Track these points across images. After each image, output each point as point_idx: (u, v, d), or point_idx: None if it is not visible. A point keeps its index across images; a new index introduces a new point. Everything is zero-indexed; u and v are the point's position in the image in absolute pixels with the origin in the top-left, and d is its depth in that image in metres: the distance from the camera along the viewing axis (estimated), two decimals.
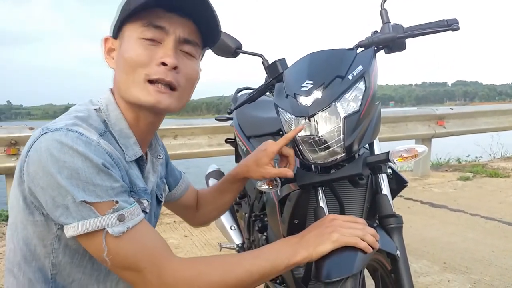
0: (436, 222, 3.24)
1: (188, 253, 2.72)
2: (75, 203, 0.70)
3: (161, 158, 1.01)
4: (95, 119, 0.81)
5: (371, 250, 0.85)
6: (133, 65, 0.81)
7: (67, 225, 0.72)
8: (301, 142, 1.01)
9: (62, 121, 0.76)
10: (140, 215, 0.77)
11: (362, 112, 0.97)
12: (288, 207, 1.16)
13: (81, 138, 0.72)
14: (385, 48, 1.12)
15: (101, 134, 0.79)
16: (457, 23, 1.06)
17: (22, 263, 0.80)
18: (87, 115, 0.81)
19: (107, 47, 0.87)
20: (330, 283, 0.83)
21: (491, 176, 4.86)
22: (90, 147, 0.72)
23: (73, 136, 0.72)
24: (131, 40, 0.81)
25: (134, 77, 0.81)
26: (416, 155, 0.95)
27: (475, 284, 2.16)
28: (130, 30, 0.82)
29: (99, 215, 0.71)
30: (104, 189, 0.72)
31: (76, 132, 0.73)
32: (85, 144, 0.72)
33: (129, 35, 0.82)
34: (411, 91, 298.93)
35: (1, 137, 3.19)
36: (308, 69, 1.04)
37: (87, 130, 0.76)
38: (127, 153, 0.84)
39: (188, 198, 1.20)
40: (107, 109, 0.85)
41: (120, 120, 0.85)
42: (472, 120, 5.48)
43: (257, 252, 0.85)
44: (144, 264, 0.74)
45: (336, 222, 0.88)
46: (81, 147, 0.71)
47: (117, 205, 0.73)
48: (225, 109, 1.70)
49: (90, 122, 0.80)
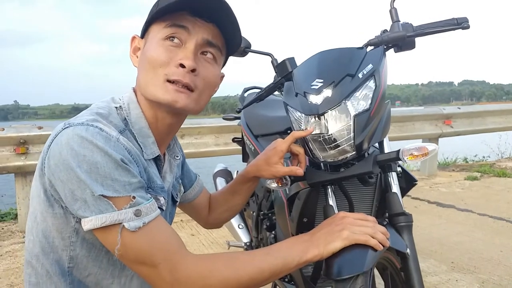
0: (444, 221, 3.23)
1: (195, 251, 2.72)
2: (93, 197, 0.71)
3: (178, 159, 1.02)
4: (115, 116, 0.83)
5: (381, 247, 0.85)
6: (154, 64, 0.83)
7: (85, 218, 0.73)
8: (310, 141, 1.01)
9: (83, 116, 0.78)
10: (156, 211, 0.78)
11: (372, 110, 0.97)
12: (297, 206, 1.16)
13: (101, 133, 0.74)
14: (395, 47, 1.12)
15: (121, 131, 0.81)
16: (467, 22, 1.06)
17: (41, 255, 0.81)
18: (108, 112, 0.83)
19: (133, 46, 0.91)
20: (341, 280, 0.83)
21: (499, 176, 4.82)
22: (109, 143, 0.74)
23: (93, 131, 0.74)
24: (154, 40, 0.84)
25: (154, 75, 0.83)
26: (426, 153, 0.95)
27: (483, 283, 2.15)
28: (154, 31, 0.85)
29: (116, 210, 0.72)
30: (122, 184, 0.73)
31: (97, 128, 0.75)
32: (104, 140, 0.74)
33: (153, 36, 0.85)
34: (417, 91, 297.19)
35: (11, 136, 3.22)
36: (318, 67, 1.04)
37: (107, 126, 0.78)
38: (146, 152, 0.85)
39: (201, 200, 1.22)
40: (128, 107, 0.86)
41: (141, 119, 0.86)
42: (480, 119, 5.45)
43: (268, 249, 0.86)
44: (158, 260, 0.74)
45: (347, 219, 0.88)
46: (100, 142, 0.73)
47: (134, 201, 0.74)
48: (231, 108, 1.71)
49: (111, 119, 0.81)
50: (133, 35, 0.91)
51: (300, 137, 1.02)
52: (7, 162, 3.20)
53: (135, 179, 0.76)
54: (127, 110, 0.86)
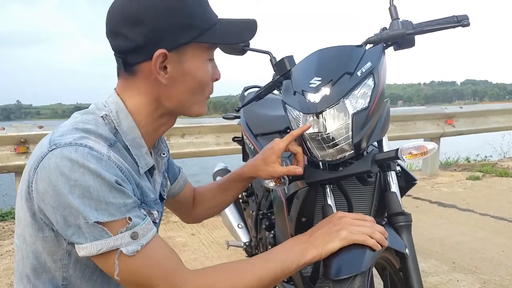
0: (445, 221, 3.21)
1: (195, 251, 2.73)
2: (88, 224, 0.68)
3: (165, 156, 0.99)
4: (104, 128, 0.78)
5: (379, 247, 0.84)
6: (204, 85, 0.85)
7: (79, 245, 0.70)
8: (309, 140, 1.00)
9: (69, 134, 0.73)
10: (152, 230, 0.76)
11: (371, 109, 0.96)
12: (296, 205, 1.16)
13: (91, 153, 0.70)
14: (394, 45, 1.11)
15: (111, 144, 0.77)
16: (467, 19, 1.05)
17: (32, 275, 0.79)
18: (95, 125, 0.78)
19: (161, 61, 0.79)
20: (339, 281, 0.82)
21: (501, 176, 4.80)
22: (101, 163, 0.70)
23: (83, 151, 0.70)
24: (200, 61, 0.83)
25: (202, 95, 0.86)
26: (425, 152, 0.94)
27: (485, 284, 2.14)
28: (196, 50, 0.82)
29: (112, 235, 0.69)
30: (117, 207, 0.70)
31: (86, 147, 0.71)
32: (96, 160, 0.70)
33: (197, 55, 0.82)
34: (419, 90, 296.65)
35: (11, 135, 3.23)
36: (316, 65, 1.03)
37: (97, 142, 0.73)
38: (140, 164, 0.83)
39: (185, 194, 1.18)
40: (117, 116, 0.81)
41: (133, 129, 0.82)
42: (482, 119, 5.42)
43: (266, 255, 0.85)
44: (157, 281, 0.73)
45: (345, 219, 0.87)
46: (92, 164, 0.69)
47: (131, 223, 0.71)
48: (232, 108, 1.71)
49: (100, 132, 0.77)
50: (163, 51, 0.77)
51: (298, 135, 1.01)
52: (7, 161, 3.20)
53: (130, 200, 0.73)
54: (116, 119, 0.81)
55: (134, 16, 0.76)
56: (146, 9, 0.76)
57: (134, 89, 0.82)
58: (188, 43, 0.79)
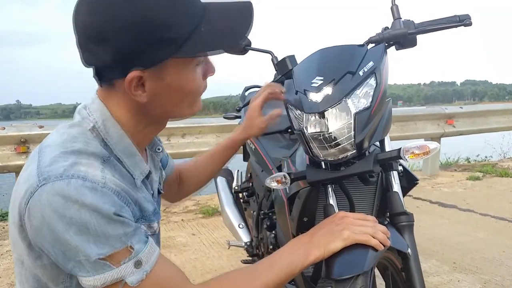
0: (446, 221, 3.21)
1: (196, 251, 2.73)
2: (88, 260, 0.65)
3: (160, 151, 0.93)
4: (93, 144, 0.72)
5: (382, 247, 0.84)
6: (195, 94, 0.78)
7: (82, 277, 0.67)
8: (311, 139, 1.00)
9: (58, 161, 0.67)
10: (155, 252, 0.72)
11: (373, 108, 0.96)
12: (298, 205, 1.15)
13: (85, 185, 0.64)
14: (396, 44, 1.11)
15: (105, 160, 0.71)
16: (469, 19, 1.05)
17: None
18: (85, 142, 0.71)
19: (134, 83, 0.70)
20: (341, 281, 0.82)
21: (501, 176, 4.80)
22: (96, 194, 0.65)
23: (76, 184, 0.64)
24: (185, 71, 0.74)
25: (192, 99, 0.78)
26: (428, 152, 0.94)
27: (486, 284, 2.14)
28: (179, 62, 0.71)
29: (115, 267, 0.66)
30: (118, 238, 0.66)
31: (79, 178, 0.65)
32: (91, 192, 0.64)
33: (180, 67, 0.72)
34: (419, 91, 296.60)
35: (11, 135, 3.23)
36: (318, 65, 1.03)
37: (89, 165, 0.68)
38: (135, 175, 0.77)
39: (173, 177, 1.16)
40: (104, 126, 0.74)
41: (122, 137, 0.76)
42: (483, 119, 5.42)
43: (270, 261, 0.84)
44: None
45: (347, 219, 0.87)
46: (87, 198, 0.64)
47: (133, 251, 0.68)
48: (232, 108, 1.71)
49: (91, 150, 0.70)
50: (137, 74, 0.69)
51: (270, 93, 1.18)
52: (7, 161, 3.20)
53: (130, 228, 0.68)
54: (103, 130, 0.74)
55: (97, 32, 0.67)
56: (109, 24, 0.66)
57: (114, 100, 0.75)
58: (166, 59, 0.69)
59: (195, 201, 4.05)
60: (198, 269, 2.44)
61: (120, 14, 0.66)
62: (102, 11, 0.66)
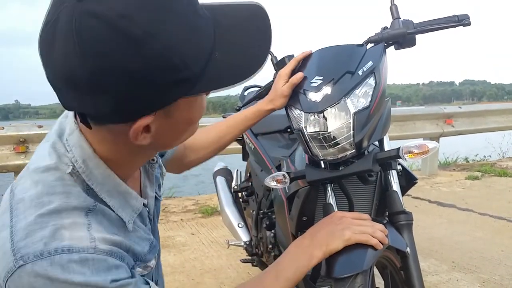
0: (444, 221, 3.22)
1: (195, 250, 2.73)
2: None
3: (155, 162, 0.82)
4: (75, 192, 0.61)
5: (381, 246, 0.84)
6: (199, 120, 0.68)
7: None
8: (310, 139, 1.00)
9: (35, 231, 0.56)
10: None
11: (372, 108, 0.96)
12: (297, 204, 1.16)
13: (71, 258, 0.54)
14: (395, 44, 1.11)
15: (90, 210, 0.61)
16: (468, 18, 1.05)
17: None
18: (64, 194, 0.60)
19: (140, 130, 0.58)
20: (340, 279, 0.83)
21: (500, 176, 4.80)
22: (87, 267, 0.55)
23: (61, 261, 0.54)
24: (196, 102, 0.63)
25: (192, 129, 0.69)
26: (427, 151, 0.94)
27: (484, 283, 2.14)
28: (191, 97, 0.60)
29: None
30: None
31: (63, 253, 0.54)
32: (81, 266, 0.55)
33: (191, 102, 0.62)
34: (418, 90, 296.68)
35: (10, 135, 3.23)
36: (318, 65, 1.03)
37: (72, 227, 0.57)
38: (126, 219, 0.67)
39: (177, 154, 1.07)
40: (85, 166, 0.62)
41: (109, 177, 0.64)
42: (481, 119, 5.43)
43: (275, 272, 0.83)
44: None
45: (346, 219, 0.87)
46: (76, 275, 0.54)
47: None
48: (232, 108, 1.71)
49: (71, 205, 0.59)
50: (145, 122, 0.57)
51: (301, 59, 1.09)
52: (7, 161, 3.20)
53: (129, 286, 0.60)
54: (85, 171, 0.62)
55: (92, 82, 0.51)
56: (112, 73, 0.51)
57: (99, 135, 0.62)
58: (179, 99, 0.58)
59: (194, 201, 4.05)
60: (197, 268, 2.44)
61: (127, 60, 0.50)
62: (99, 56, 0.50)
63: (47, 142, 0.68)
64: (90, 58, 0.50)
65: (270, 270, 0.84)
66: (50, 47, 0.53)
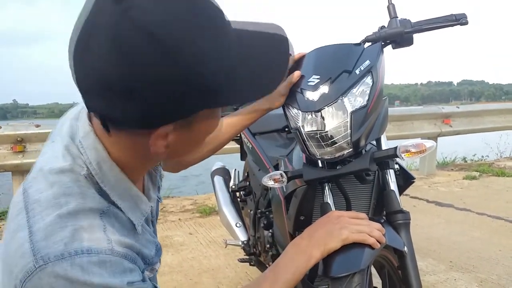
0: (442, 221, 3.22)
1: (193, 250, 2.73)
2: None
3: (158, 165, 0.85)
4: (90, 194, 0.62)
5: (378, 245, 0.84)
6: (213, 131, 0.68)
7: None
8: (307, 138, 1.00)
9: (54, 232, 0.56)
10: None
11: (369, 107, 0.96)
12: (294, 203, 1.16)
13: (91, 260, 0.56)
14: (393, 43, 1.11)
15: (103, 212, 0.62)
16: (466, 18, 1.06)
17: None
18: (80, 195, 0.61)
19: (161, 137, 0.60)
20: (338, 278, 0.83)
21: (498, 175, 4.82)
22: (106, 268, 0.56)
23: (81, 263, 0.55)
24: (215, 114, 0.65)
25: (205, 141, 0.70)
26: (424, 150, 0.94)
27: (482, 283, 2.15)
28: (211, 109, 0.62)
29: None
30: None
31: (83, 254, 0.55)
32: (99, 267, 0.56)
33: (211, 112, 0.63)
34: (416, 90, 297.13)
35: (8, 134, 3.22)
36: (315, 64, 1.03)
37: (90, 228, 0.58)
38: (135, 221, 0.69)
39: None
40: (100, 169, 0.63)
41: (122, 180, 0.66)
42: (479, 118, 5.44)
43: (273, 275, 0.82)
44: None
45: (343, 219, 0.87)
46: (96, 277, 0.55)
47: None
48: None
49: (88, 206, 0.60)
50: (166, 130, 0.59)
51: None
52: (4, 160, 3.19)
53: None
54: (98, 173, 0.63)
55: (121, 86, 0.53)
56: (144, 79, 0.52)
57: (115, 138, 0.63)
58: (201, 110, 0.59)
59: (192, 201, 4.05)
60: (195, 268, 2.44)
61: (161, 69, 0.52)
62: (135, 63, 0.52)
63: (53, 142, 0.69)
64: (126, 64, 0.51)
65: (269, 272, 0.84)
66: (84, 47, 0.54)
